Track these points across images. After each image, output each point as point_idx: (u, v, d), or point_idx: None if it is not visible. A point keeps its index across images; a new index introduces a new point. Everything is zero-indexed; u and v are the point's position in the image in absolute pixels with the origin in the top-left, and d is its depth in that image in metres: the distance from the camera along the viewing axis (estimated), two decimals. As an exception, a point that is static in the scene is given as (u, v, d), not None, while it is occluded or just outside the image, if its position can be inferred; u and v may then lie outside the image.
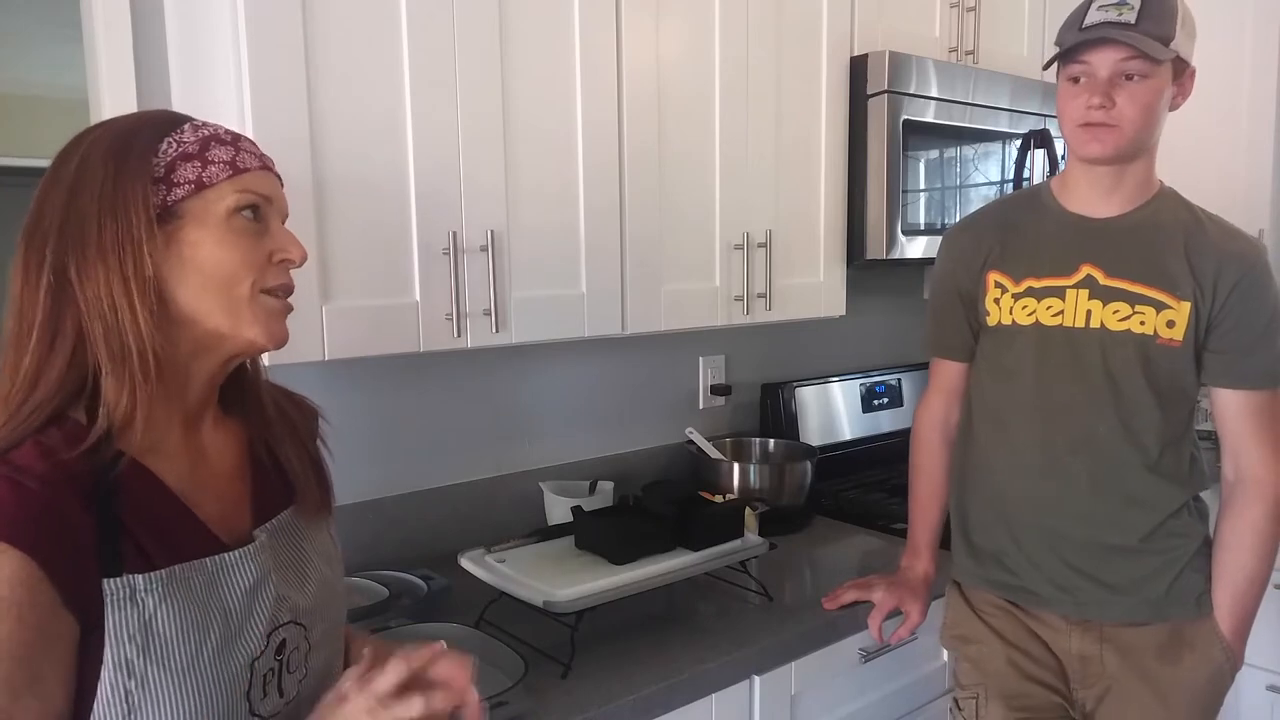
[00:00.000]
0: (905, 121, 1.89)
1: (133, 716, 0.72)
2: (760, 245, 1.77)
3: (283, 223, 0.85)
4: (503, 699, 1.15)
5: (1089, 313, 1.36)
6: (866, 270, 2.00)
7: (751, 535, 1.56)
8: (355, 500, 1.62)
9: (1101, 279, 1.35)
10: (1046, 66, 1.37)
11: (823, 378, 2.31)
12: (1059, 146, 2.13)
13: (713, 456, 1.99)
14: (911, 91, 1.89)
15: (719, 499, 1.69)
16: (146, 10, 1.39)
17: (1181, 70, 1.30)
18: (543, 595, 1.29)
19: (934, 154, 2.00)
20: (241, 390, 0.89)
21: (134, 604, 0.72)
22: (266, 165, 0.84)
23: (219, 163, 0.78)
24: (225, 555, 0.79)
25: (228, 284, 0.78)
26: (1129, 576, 1.37)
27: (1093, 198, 1.37)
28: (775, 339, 2.28)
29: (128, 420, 0.74)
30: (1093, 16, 1.27)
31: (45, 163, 0.82)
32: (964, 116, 2.00)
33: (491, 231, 1.39)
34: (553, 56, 1.47)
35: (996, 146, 2.11)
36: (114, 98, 1.37)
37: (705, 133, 1.68)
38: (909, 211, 1.94)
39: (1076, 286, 1.36)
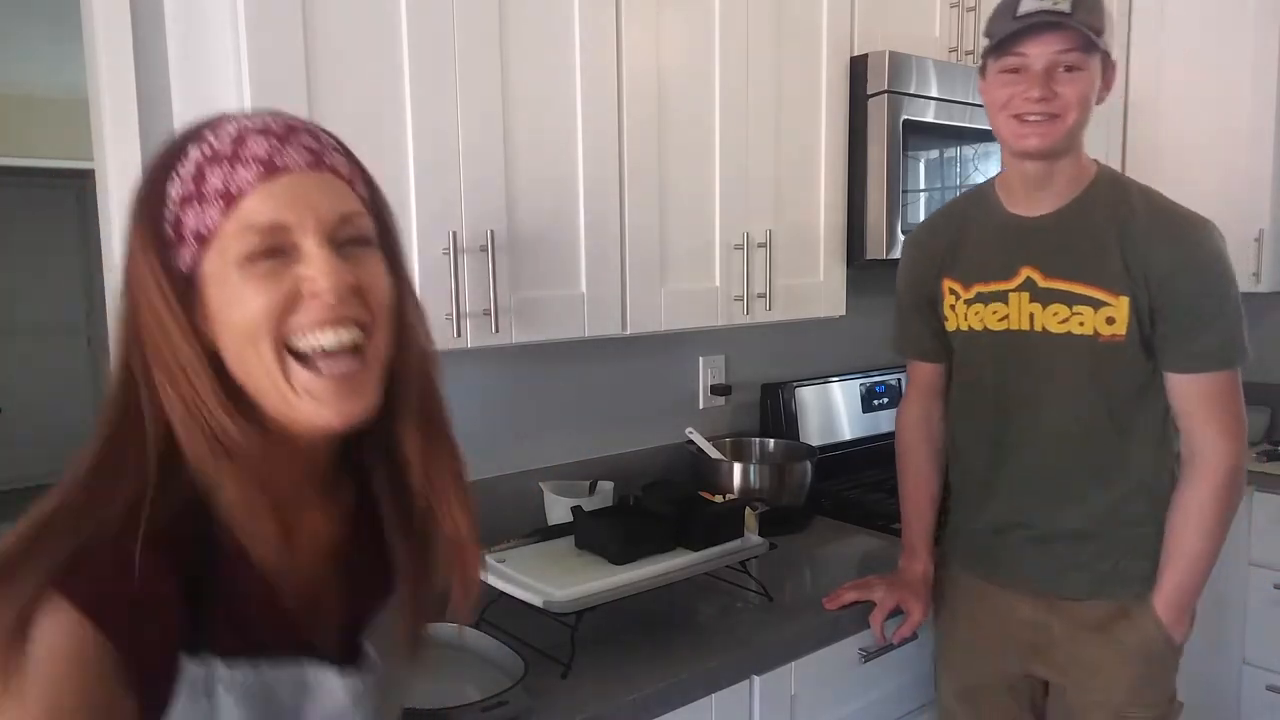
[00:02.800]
0: (905, 121, 1.89)
1: None
2: (760, 245, 1.77)
3: (322, 236, 0.63)
4: (503, 699, 1.15)
5: (1032, 316, 1.39)
6: (866, 270, 2.00)
7: (751, 535, 1.56)
8: (355, 500, 1.62)
9: (1040, 281, 1.37)
10: (984, 57, 1.34)
11: (823, 378, 2.31)
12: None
13: (713, 456, 1.99)
14: (911, 91, 1.89)
15: (719, 499, 1.69)
16: (146, 10, 1.39)
17: (1106, 64, 1.31)
18: (543, 595, 1.29)
19: (934, 154, 2.00)
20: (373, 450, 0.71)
21: (209, 697, 0.62)
22: (277, 166, 0.62)
23: (212, 199, 0.61)
24: (324, 673, 0.67)
25: (250, 347, 0.62)
26: (1075, 559, 1.41)
27: (1025, 196, 1.39)
28: (775, 339, 2.28)
29: (212, 487, 0.62)
30: (1027, 5, 1.26)
31: (46, 163, 0.79)
32: (964, 116, 2.00)
33: (491, 231, 1.39)
34: (553, 56, 1.47)
35: (996, 146, 2.09)
36: (114, 98, 1.37)
37: (705, 133, 1.68)
38: (909, 211, 1.94)
39: (1018, 290, 1.39)
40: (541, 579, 1.33)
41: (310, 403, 0.62)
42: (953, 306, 1.47)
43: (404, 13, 1.30)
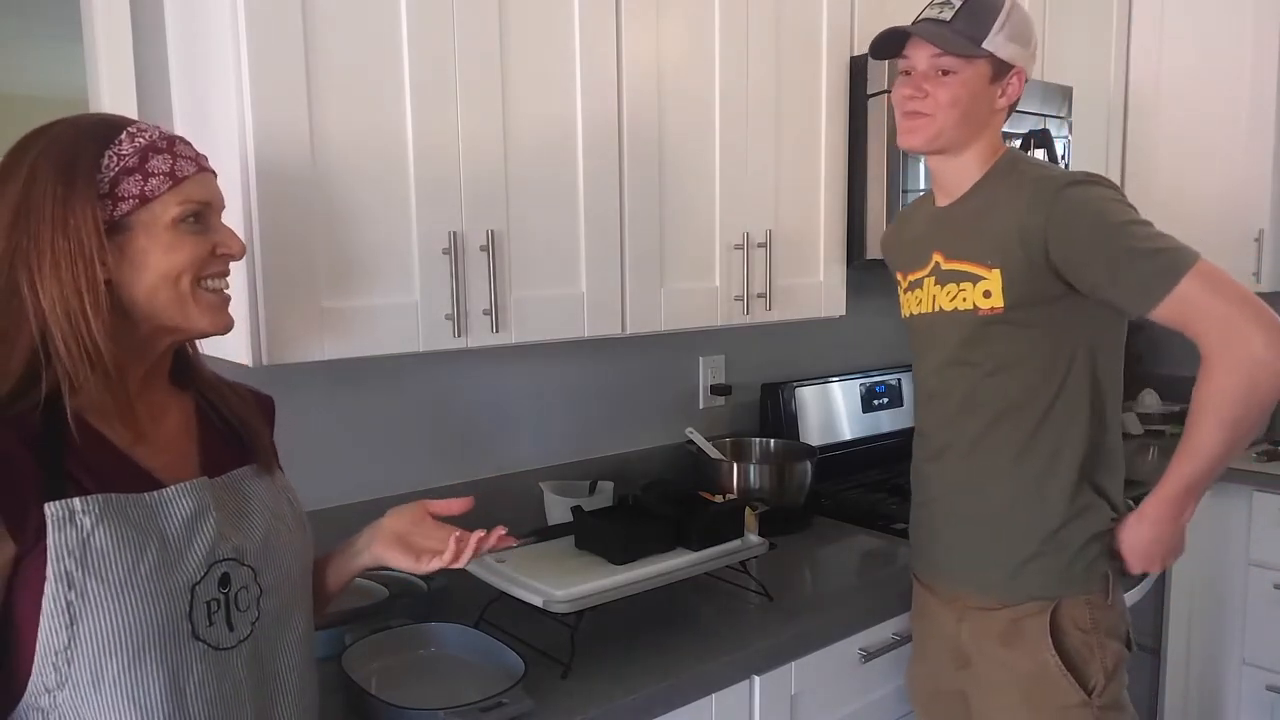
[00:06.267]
0: (905, 121, 1.89)
1: (75, 626, 0.80)
2: (760, 245, 1.77)
3: (220, 216, 0.94)
4: (502, 699, 1.15)
5: (934, 298, 1.42)
6: (866, 270, 2.00)
7: (751, 535, 1.56)
8: (356, 500, 1.62)
9: (943, 264, 1.41)
10: (879, 57, 1.45)
11: (823, 378, 2.31)
12: (1059, 146, 2.13)
13: (713, 456, 1.99)
14: (911, 91, 1.89)
15: (719, 499, 1.69)
16: (146, 10, 1.39)
17: (1004, 72, 1.34)
18: (543, 595, 1.29)
19: (934, 154, 2.00)
20: (188, 369, 1.00)
21: (73, 524, 0.81)
22: (203, 167, 0.91)
23: (159, 174, 0.86)
24: (164, 490, 0.87)
25: (173, 282, 0.87)
26: (977, 557, 1.41)
27: (939, 188, 1.45)
28: (775, 339, 2.28)
29: (74, 389, 0.83)
30: (922, 14, 1.37)
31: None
32: (964, 116, 2.00)
33: (491, 231, 1.39)
34: (553, 56, 1.47)
35: (996, 146, 2.11)
36: (114, 98, 1.37)
37: (705, 133, 1.68)
38: (909, 211, 1.94)
39: (929, 275, 1.44)
40: (541, 579, 1.33)
41: (211, 314, 0.91)
42: (900, 296, 1.54)
43: (404, 12, 1.30)
